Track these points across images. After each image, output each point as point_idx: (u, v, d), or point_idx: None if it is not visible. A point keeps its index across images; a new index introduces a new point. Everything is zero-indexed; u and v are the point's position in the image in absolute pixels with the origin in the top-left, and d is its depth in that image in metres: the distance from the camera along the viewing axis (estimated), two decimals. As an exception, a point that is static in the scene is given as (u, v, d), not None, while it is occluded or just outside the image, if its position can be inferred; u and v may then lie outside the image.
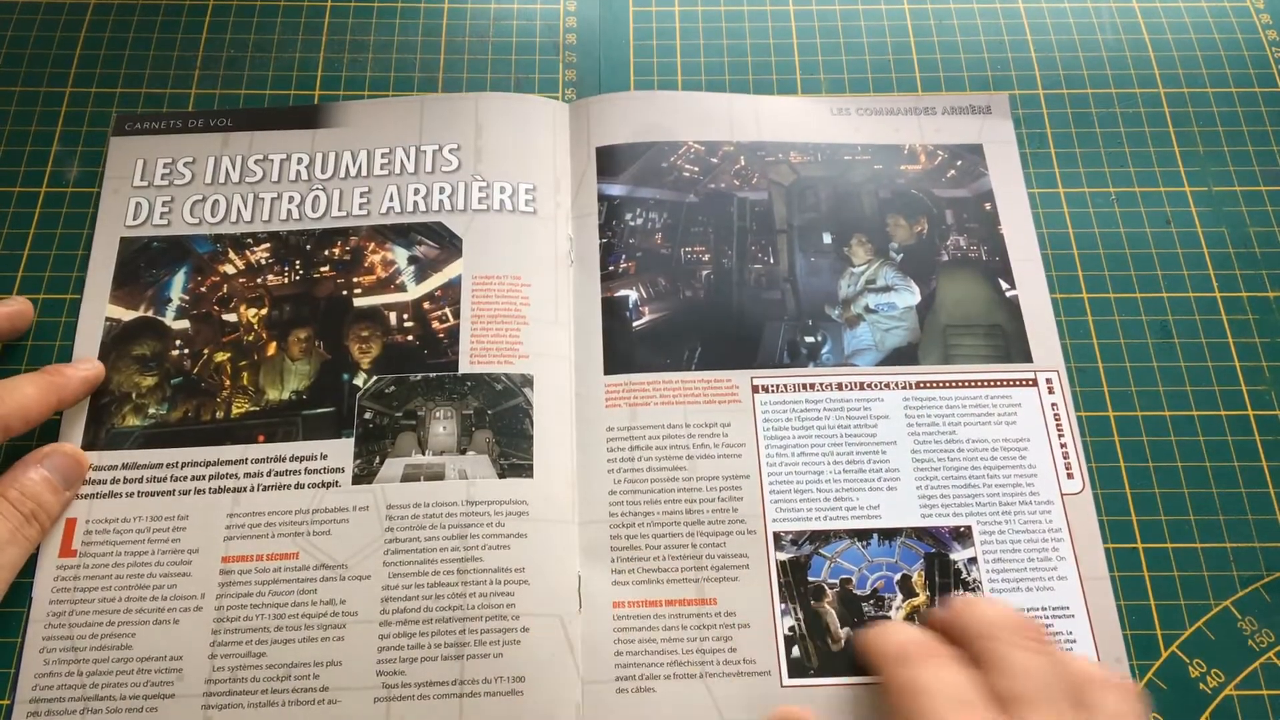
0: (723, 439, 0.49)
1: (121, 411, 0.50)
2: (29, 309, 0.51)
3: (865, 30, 0.62)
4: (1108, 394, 0.52)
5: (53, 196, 0.55)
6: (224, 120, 0.57)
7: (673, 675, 0.45)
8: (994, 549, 0.48)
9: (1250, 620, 0.47)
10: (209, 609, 0.45)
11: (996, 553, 0.48)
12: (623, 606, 0.46)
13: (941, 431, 0.50)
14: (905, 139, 0.58)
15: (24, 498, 0.45)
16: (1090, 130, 0.59)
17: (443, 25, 0.61)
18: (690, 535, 0.48)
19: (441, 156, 0.56)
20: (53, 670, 0.44)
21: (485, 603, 0.45)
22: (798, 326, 0.52)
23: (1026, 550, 0.48)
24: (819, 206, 0.56)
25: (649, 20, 0.62)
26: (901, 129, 0.58)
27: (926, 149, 0.57)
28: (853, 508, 0.48)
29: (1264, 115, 0.59)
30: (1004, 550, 0.48)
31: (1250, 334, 0.53)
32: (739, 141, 0.57)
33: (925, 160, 0.57)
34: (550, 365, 0.51)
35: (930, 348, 0.52)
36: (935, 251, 0.55)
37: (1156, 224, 0.56)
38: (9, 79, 0.58)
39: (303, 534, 0.47)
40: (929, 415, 0.51)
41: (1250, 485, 0.50)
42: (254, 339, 0.52)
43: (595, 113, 0.57)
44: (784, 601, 0.46)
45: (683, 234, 0.55)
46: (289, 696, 0.44)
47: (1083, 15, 0.62)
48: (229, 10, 0.61)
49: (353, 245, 0.54)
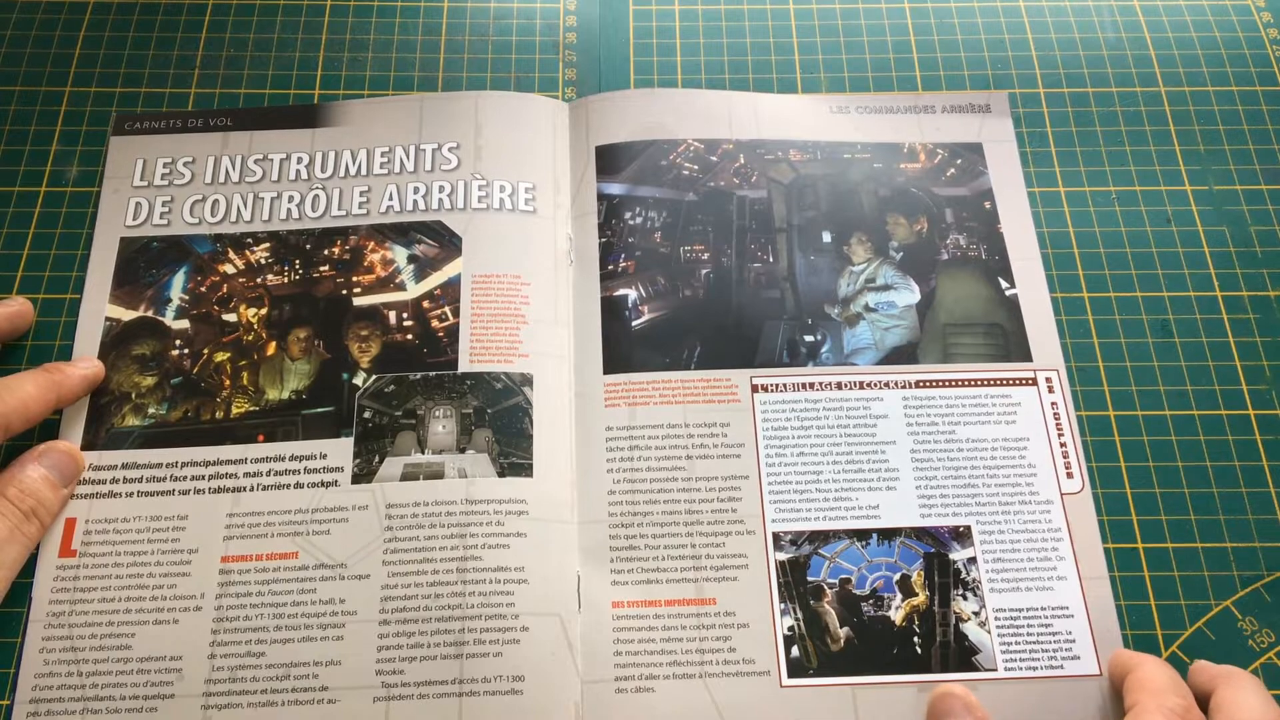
0: (722, 439, 0.49)
1: (121, 411, 0.50)
2: (29, 309, 0.52)
3: (865, 29, 0.62)
4: (1108, 393, 0.52)
5: (52, 196, 0.55)
6: (224, 120, 0.57)
7: (672, 675, 0.45)
8: (993, 549, 0.48)
9: (1250, 620, 0.47)
10: (208, 609, 0.45)
11: (996, 552, 0.47)
12: (622, 606, 0.46)
13: (941, 431, 0.50)
14: (905, 137, 0.57)
15: (23, 495, 0.45)
16: (1091, 129, 0.58)
17: (443, 25, 0.61)
18: (689, 535, 0.48)
19: (441, 155, 0.56)
20: (53, 670, 0.44)
21: (485, 602, 0.45)
22: (797, 325, 0.52)
23: (1026, 550, 0.48)
24: (818, 205, 0.56)
25: (649, 19, 0.62)
26: (901, 127, 0.58)
27: (926, 147, 0.57)
28: (852, 508, 0.48)
29: (1265, 114, 0.59)
30: (1003, 550, 0.48)
31: (1251, 333, 0.53)
32: (738, 139, 0.57)
33: (925, 159, 0.57)
34: (550, 364, 0.51)
35: (930, 347, 0.52)
36: (935, 250, 0.55)
37: (1157, 223, 0.56)
38: (9, 79, 0.59)
39: (302, 533, 0.47)
40: (928, 414, 0.50)
41: (1250, 485, 0.50)
42: (254, 339, 0.52)
43: (595, 111, 0.57)
44: (783, 601, 0.46)
45: (682, 233, 0.54)
46: (288, 696, 0.44)
47: (1083, 14, 0.62)
48: (229, 10, 0.61)
49: (352, 245, 0.54)
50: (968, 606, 0.46)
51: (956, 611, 0.46)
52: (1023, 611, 0.46)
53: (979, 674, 0.45)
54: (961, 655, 0.46)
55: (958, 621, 0.46)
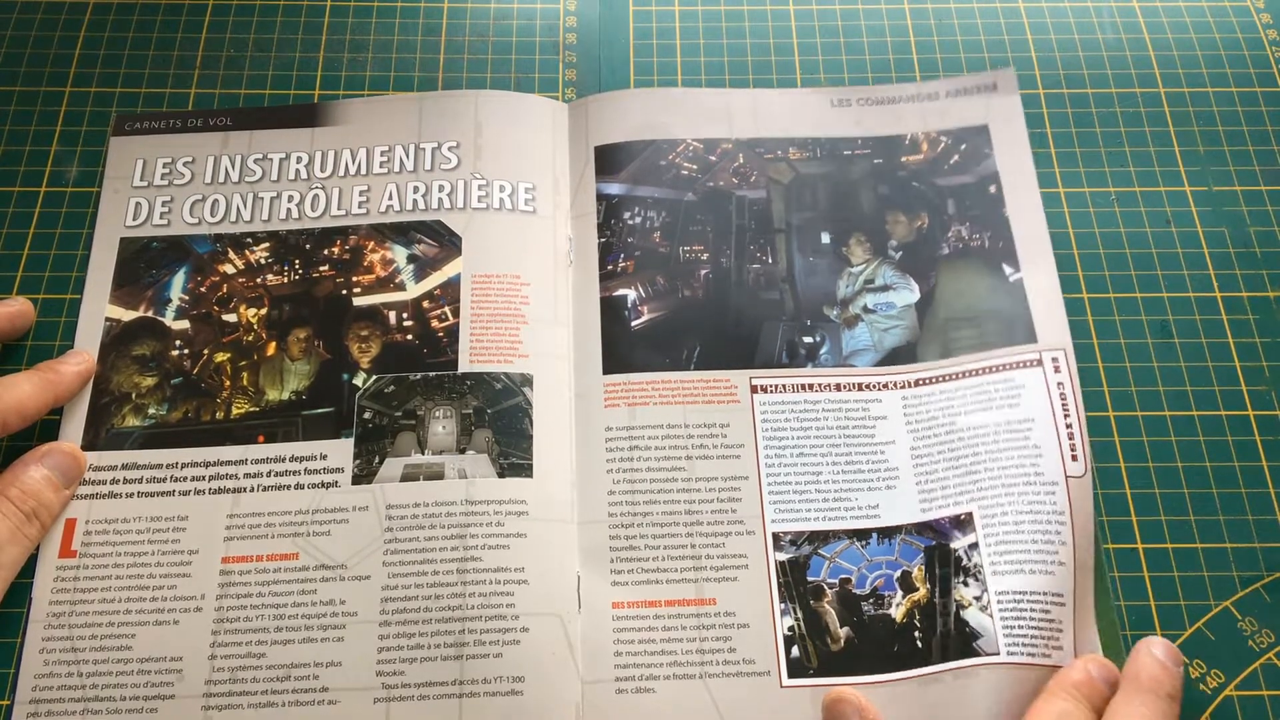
0: (721, 439, 0.49)
1: (121, 412, 0.50)
2: (30, 309, 0.52)
3: (865, 30, 0.62)
4: (1108, 394, 0.52)
5: (52, 196, 0.55)
6: (223, 119, 0.57)
7: (672, 676, 0.45)
8: (996, 531, 0.47)
9: (1250, 620, 0.47)
10: (209, 609, 0.45)
11: (999, 534, 0.47)
12: (622, 607, 0.46)
13: (941, 424, 0.50)
14: (908, 128, 0.57)
15: (25, 496, 0.45)
16: (1090, 130, 0.58)
17: (442, 25, 0.61)
18: (689, 535, 0.48)
19: (441, 155, 0.56)
20: (52, 671, 0.44)
21: (485, 602, 0.45)
22: (796, 327, 0.52)
23: (1030, 530, 0.47)
24: (817, 205, 0.55)
25: (649, 19, 0.62)
26: (904, 117, 0.57)
27: (929, 136, 0.57)
28: (851, 508, 0.48)
29: (1264, 115, 0.59)
30: (1006, 531, 0.47)
31: (1250, 334, 0.53)
32: (737, 138, 0.57)
33: (927, 149, 0.57)
34: (549, 365, 0.51)
35: (930, 344, 0.52)
36: (936, 246, 0.54)
37: (1157, 224, 0.56)
38: (9, 79, 0.58)
39: (302, 534, 0.47)
40: (928, 410, 0.50)
41: (1250, 485, 0.50)
42: (254, 339, 0.52)
43: (594, 111, 0.57)
44: (783, 601, 0.46)
45: (681, 233, 0.54)
46: (289, 697, 0.44)
47: (1083, 15, 0.62)
48: (229, 10, 0.61)
49: (352, 244, 0.54)
50: (969, 592, 0.46)
51: (958, 598, 0.46)
52: (1026, 595, 0.46)
53: (980, 659, 0.45)
54: (962, 642, 0.45)
55: (959, 609, 0.46)
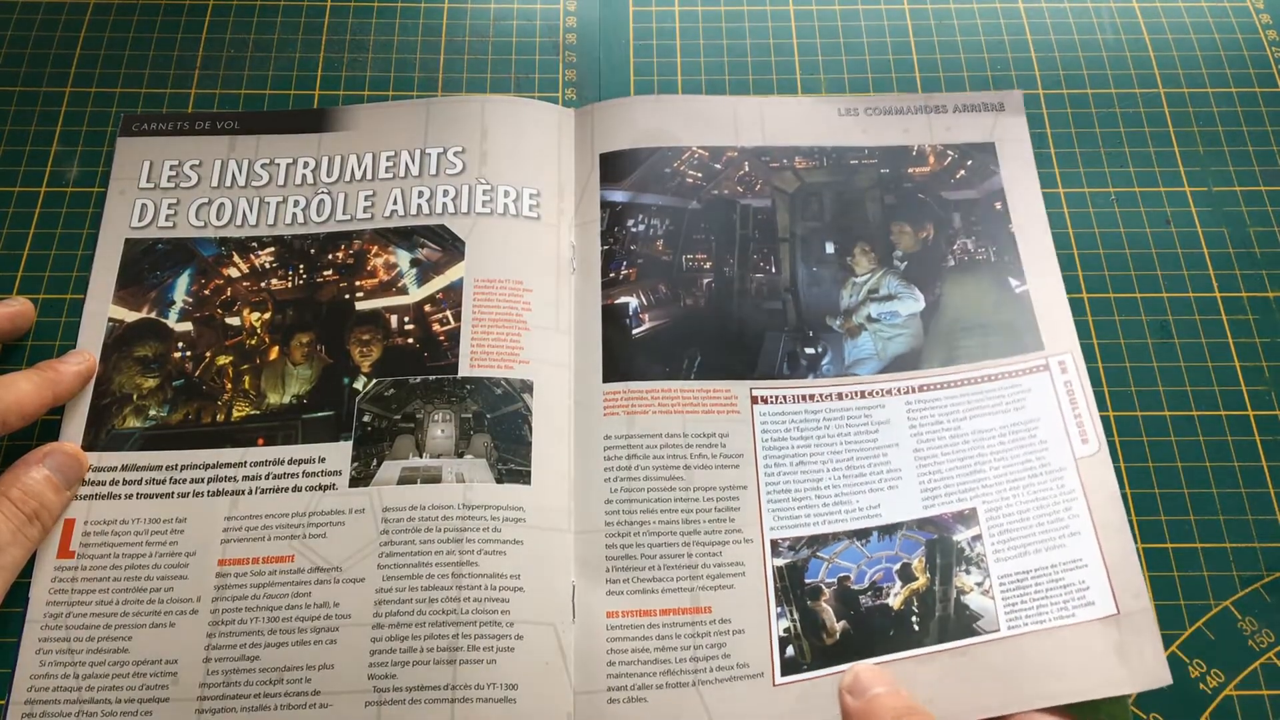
0: (720, 449, 0.49)
1: (122, 413, 0.50)
2: (30, 309, 0.52)
3: (865, 31, 0.61)
4: (1108, 394, 0.52)
5: (53, 196, 0.55)
6: (231, 123, 0.57)
7: (665, 684, 0.45)
8: (1000, 523, 0.47)
9: (1250, 620, 0.47)
10: (204, 612, 0.45)
11: (1003, 525, 0.47)
12: (616, 616, 0.46)
13: (945, 428, 0.50)
14: (915, 139, 0.57)
15: (26, 497, 0.45)
16: (1090, 130, 0.58)
17: (442, 26, 0.61)
18: (686, 545, 0.47)
19: (446, 159, 0.56)
20: (48, 672, 0.44)
21: (479, 608, 0.45)
22: (798, 338, 0.52)
23: (1036, 517, 0.47)
24: (822, 215, 0.55)
25: (649, 21, 0.62)
26: (911, 128, 0.57)
27: (936, 149, 0.57)
28: (852, 509, 0.48)
29: (1264, 115, 0.59)
30: (1010, 522, 0.47)
31: (1250, 334, 0.53)
32: (743, 146, 0.56)
33: (934, 161, 0.56)
34: (550, 371, 0.51)
35: (934, 352, 0.52)
36: (941, 257, 0.54)
37: (1156, 224, 0.56)
38: (9, 79, 0.59)
39: (298, 537, 0.47)
40: (933, 414, 0.50)
41: (1250, 485, 0.50)
42: (256, 343, 0.52)
43: (600, 118, 0.57)
44: (780, 605, 0.46)
45: (684, 241, 0.54)
46: (281, 700, 0.44)
47: (1083, 15, 0.62)
48: (229, 10, 0.61)
49: (356, 249, 0.54)
50: (970, 579, 0.46)
51: (959, 585, 0.46)
52: (1030, 572, 0.46)
53: (980, 638, 0.45)
54: (961, 624, 0.45)
55: (959, 595, 0.46)
